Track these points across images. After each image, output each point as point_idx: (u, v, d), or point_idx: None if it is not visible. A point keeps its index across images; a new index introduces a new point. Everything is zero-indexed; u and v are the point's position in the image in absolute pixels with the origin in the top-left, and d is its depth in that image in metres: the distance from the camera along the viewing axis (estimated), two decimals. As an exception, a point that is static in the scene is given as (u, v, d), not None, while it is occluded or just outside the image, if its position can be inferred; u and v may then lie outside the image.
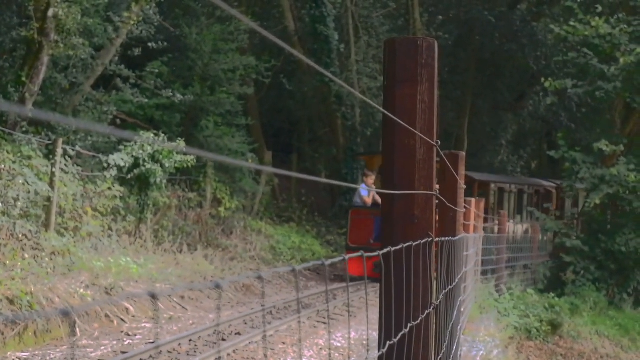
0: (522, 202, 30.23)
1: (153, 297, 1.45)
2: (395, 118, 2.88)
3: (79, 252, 14.53)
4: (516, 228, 28.93)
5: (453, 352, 5.55)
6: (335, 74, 17.06)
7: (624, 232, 26.06)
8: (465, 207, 8.90)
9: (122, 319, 12.72)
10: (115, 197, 17.28)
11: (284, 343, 12.50)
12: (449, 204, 5.38)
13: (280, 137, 35.07)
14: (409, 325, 2.82)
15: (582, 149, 27.08)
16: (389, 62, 2.95)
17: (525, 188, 30.74)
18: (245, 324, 13.96)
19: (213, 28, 26.52)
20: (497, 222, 24.89)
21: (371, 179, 22.35)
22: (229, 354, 11.26)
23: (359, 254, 2.36)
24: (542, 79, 27.85)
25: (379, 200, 15.99)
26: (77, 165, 17.24)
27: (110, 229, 17.24)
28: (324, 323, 13.76)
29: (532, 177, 33.16)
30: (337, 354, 12.17)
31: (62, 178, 15.53)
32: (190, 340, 11.60)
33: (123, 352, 10.52)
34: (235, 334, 12.80)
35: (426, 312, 2.96)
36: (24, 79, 17.79)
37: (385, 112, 2.92)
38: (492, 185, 27.57)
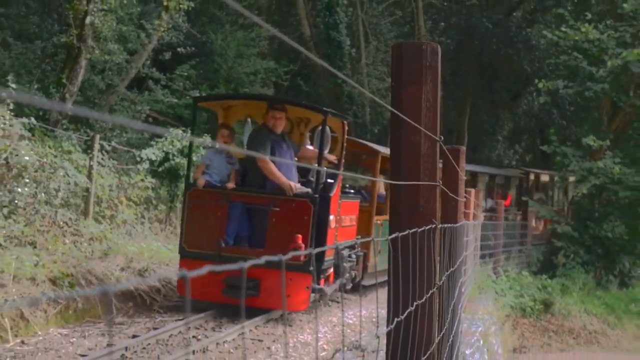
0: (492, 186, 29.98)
1: (183, 278, 1.45)
2: (402, 116, 2.88)
3: (114, 237, 14.60)
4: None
5: (454, 328, 5.55)
6: (347, 76, 17.04)
7: (610, 219, 26.08)
8: (465, 197, 8.89)
9: (154, 298, 12.72)
10: (148, 188, 17.35)
11: (300, 320, 12.48)
12: (450, 194, 5.37)
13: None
14: (415, 303, 2.81)
15: (572, 144, 27.07)
16: (396, 65, 2.95)
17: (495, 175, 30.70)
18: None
19: (236, 34, 26.57)
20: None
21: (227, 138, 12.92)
22: (251, 330, 11.21)
23: (202, 270, 1.49)
24: (536, 80, 27.82)
25: (271, 173, 12.00)
26: (113, 159, 17.29)
27: (142, 216, 17.33)
28: (337, 302, 13.72)
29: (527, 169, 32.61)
30: (348, 330, 12.18)
31: (99, 171, 15.58)
32: (215, 318, 11.57)
33: (155, 329, 10.52)
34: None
35: (430, 292, 2.96)
36: (64, 80, 17.93)
37: (393, 110, 2.91)
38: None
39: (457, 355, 6.08)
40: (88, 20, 18.07)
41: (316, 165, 12.30)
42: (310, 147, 13.46)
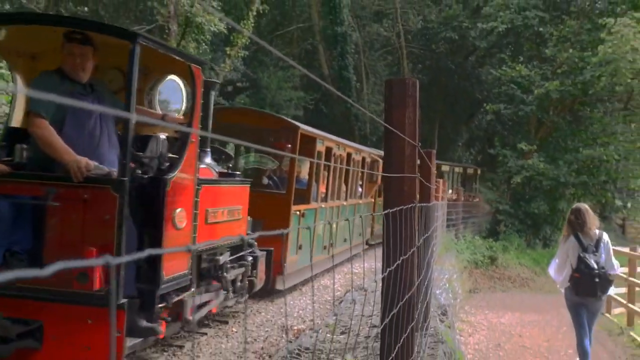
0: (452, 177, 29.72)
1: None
2: (392, 129, 2.88)
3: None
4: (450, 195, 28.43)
5: (428, 275, 5.53)
6: (354, 102, 16.84)
7: (536, 200, 26.00)
8: (435, 185, 8.85)
9: None
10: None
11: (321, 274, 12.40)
12: (425, 183, 5.34)
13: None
14: (401, 258, 2.81)
15: (510, 148, 26.96)
16: (387, 94, 2.94)
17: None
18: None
19: (277, 74, 26.57)
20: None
21: None
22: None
23: None
24: (485, 104, 27.75)
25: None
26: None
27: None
28: (348, 259, 13.61)
29: (478, 167, 32.53)
30: (355, 277, 12.14)
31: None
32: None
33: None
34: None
35: (412, 250, 2.95)
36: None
37: (386, 125, 2.91)
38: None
39: (430, 294, 6.07)
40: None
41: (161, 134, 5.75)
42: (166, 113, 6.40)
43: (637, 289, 11.82)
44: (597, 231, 7.62)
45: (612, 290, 12.49)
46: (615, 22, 23.32)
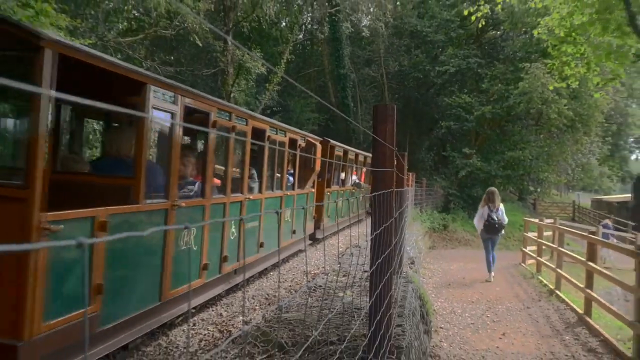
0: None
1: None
2: (378, 138, 2.88)
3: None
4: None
5: (402, 237, 5.53)
6: (353, 119, 16.80)
7: (475, 187, 25.80)
8: (407, 177, 8.83)
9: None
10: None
11: (325, 236, 12.26)
12: (400, 175, 5.33)
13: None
14: (384, 225, 2.82)
15: (457, 151, 26.79)
16: (374, 114, 2.94)
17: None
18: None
19: (300, 101, 26.51)
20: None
21: None
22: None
23: None
24: (440, 122, 27.54)
25: None
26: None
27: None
28: (349, 226, 13.47)
29: (435, 167, 30.60)
30: (354, 239, 12.08)
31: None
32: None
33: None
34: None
35: (390, 220, 2.96)
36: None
37: (374, 135, 2.91)
38: (346, 150, 26.84)
39: (403, 250, 6.06)
40: (232, 95, 18.15)
41: None
42: None
43: (543, 247, 11.75)
44: (499, 203, 10.20)
45: (528, 249, 12.52)
46: (530, 66, 23.42)
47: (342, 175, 12.74)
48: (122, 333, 3.64)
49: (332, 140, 10.83)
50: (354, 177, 14.32)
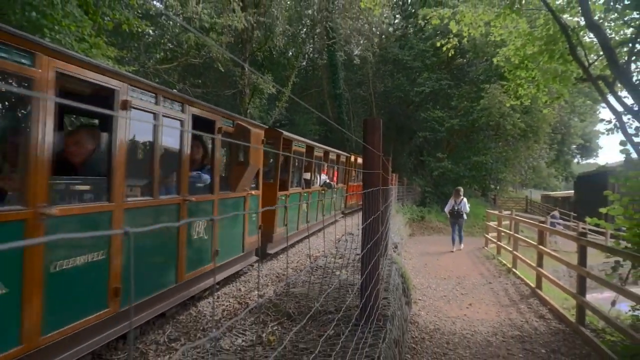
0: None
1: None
2: (368, 146, 2.86)
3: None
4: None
5: (387, 226, 5.50)
6: (347, 131, 16.81)
7: (447, 185, 25.75)
8: (391, 177, 8.76)
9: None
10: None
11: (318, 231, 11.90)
12: (385, 176, 5.31)
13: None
14: (372, 216, 2.80)
15: (432, 156, 26.76)
16: (365, 126, 2.92)
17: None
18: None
19: (304, 116, 26.44)
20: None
21: None
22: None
23: None
24: (418, 132, 27.48)
25: None
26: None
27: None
28: (343, 217, 13.33)
29: (414, 169, 29.70)
30: (348, 228, 11.95)
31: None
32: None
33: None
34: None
35: (378, 212, 2.94)
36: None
37: (364, 144, 2.89)
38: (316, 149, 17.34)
39: (388, 237, 6.04)
40: (248, 111, 18.10)
41: None
42: None
43: (502, 234, 11.71)
44: (462, 198, 11.93)
45: (490, 235, 12.51)
46: (490, 87, 23.56)
47: (307, 175, 8.75)
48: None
49: (286, 133, 6.98)
50: (324, 177, 10.33)
